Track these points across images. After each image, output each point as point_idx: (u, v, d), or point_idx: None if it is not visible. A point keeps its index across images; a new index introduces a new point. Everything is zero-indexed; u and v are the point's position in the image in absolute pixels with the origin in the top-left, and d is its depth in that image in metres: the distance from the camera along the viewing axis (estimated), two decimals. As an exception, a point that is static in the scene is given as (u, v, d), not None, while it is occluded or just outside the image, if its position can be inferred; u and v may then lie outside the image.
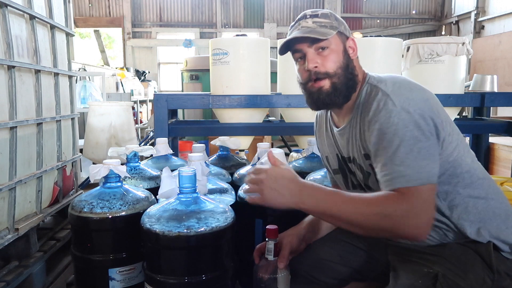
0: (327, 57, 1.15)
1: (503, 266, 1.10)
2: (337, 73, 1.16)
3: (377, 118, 1.06)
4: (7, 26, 1.62)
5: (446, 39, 2.38)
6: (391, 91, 1.07)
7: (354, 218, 1.03)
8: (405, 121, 1.02)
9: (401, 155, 1.01)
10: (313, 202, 1.06)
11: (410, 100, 1.05)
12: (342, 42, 1.18)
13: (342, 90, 1.16)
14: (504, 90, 7.54)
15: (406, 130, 1.02)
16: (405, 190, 1.00)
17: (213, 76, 2.37)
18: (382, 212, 1.00)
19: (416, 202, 1.00)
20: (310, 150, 1.94)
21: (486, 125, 2.72)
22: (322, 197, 1.06)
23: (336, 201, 1.05)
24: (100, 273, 1.32)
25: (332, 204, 1.05)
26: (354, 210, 1.03)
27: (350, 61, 1.18)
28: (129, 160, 1.66)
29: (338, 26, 1.17)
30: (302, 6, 12.22)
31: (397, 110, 1.03)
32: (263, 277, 1.24)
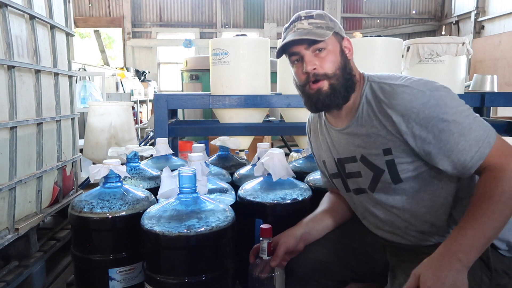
0: (325, 58, 1.14)
1: (501, 264, 1.10)
2: (336, 74, 1.15)
3: (412, 108, 1.04)
4: (7, 26, 1.62)
5: (446, 39, 2.38)
6: (406, 82, 1.08)
7: (502, 219, 0.97)
8: (441, 98, 1.04)
9: (464, 125, 1.02)
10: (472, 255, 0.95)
11: (428, 82, 1.07)
12: (339, 42, 1.18)
13: (341, 91, 1.15)
14: (504, 90, 7.54)
15: (448, 104, 1.03)
16: (494, 152, 1.01)
17: (213, 76, 2.37)
18: (506, 192, 0.97)
19: (505, 158, 1.01)
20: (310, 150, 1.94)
21: (486, 125, 2.72)
22: (470, 242, 0.95)
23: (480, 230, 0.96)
24: (100, 273, 1.31)
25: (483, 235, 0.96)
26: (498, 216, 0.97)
27: (347, 61, 1.18)
28: (129, 160, 1.66)
29: (333, 27, 1.16)
30: (302, 6, 12.22)
31: (428, 93, 1.04)
32: (257, 276, 1.24)
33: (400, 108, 1.06)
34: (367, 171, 1.19)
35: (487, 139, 1.02)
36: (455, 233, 0.98)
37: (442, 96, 1.04)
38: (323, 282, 1.33)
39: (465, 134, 1.01)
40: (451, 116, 1.02)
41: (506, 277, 1.11)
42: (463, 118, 1.02)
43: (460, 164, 1.03)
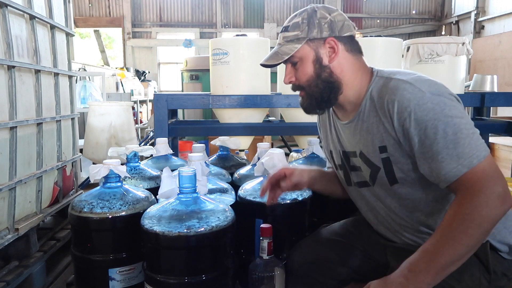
0: (298, 70, 1.18)
1: (500, 266, 1.10)
2: (309, 84, 1.18)
3: (409, 107, 1.02)
4: (7, 26, 1.62)
5: (446, 39, 2.38)
6: (412, 80, 1.06)
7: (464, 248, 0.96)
8: (440, 103, 1.01)
9: (453, 137, 0.98)
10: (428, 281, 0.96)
11: (434, 84, 1.05)
12: (314, 49, 1.16)
13: (318, 98, 1.18)
14: (504, 90, 7.54)
15: (445, 111, 1.00)
16: (471, 173, 0.97)
17: (213, 76, 2.37)
18: (475, 220, 0.95)
19: (485, 180, 0.97)
20: (310, 150, 1.94)
21: (486, 125, 2.72)
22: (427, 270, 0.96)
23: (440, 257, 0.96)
24: (100, 273, 1.31)
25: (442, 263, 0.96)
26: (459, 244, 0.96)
27: (322, 69, 1.16)
28: (129, 160, 1.66)
29: (306, 35, 1.14)
30: (302, 6, 12.16)
31: (428, 96, 1.01)
32: (257, 276, 1.24)
33: (397, 104, 1.04)
34: (365, 167, 1.20)
35: (470, 158, 0.97)
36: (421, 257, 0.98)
37: (441, 102, 1.01)
38: (324, 281, 1.33)
39: (450, 147, 0.98)
40: (442, 124, 0.99)
41: (505, 279, 1.11)
42: (454, 130, 0.98)
43: (436, 175, 1.02)
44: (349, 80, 1.17)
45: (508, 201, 0.97)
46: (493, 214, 0.95)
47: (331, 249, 1.33)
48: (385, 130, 1.10)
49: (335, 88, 1.17)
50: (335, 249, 1.33)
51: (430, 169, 1.02)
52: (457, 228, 0.96)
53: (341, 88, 1.17)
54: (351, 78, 1.17)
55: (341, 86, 1.17)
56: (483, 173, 0.97)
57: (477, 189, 0.96)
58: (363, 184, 1.24)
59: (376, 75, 1.16)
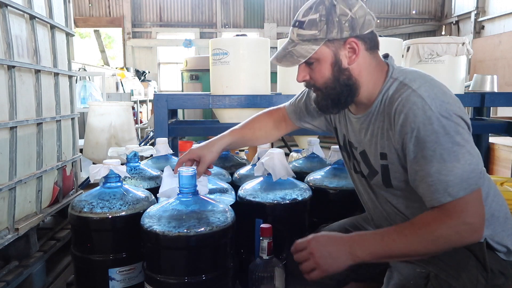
0: (314, 71, 1.12)
1: (497, 264, 1.10)
2: (326, 87, 1.13)
3: (414, 123, 1.00)
4: (7, 26, 1.62)
5: (446, 39, 2.39)
6: (426, 93, 1.01)
7: (412, 251, 1.01)
8: (446, 127, 0.98)
9: (447, 164, 0.98)
10: (367, 253, 1.02)
11: (446, 103, 1.00)
12: (333, 51, 1.09)
13: (335, 99, 1.14)
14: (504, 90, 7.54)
15: (447, 137, 0.98)
16: (454, 203, 0.98)
17: (213, 76, 2.37)
18: (436, 237, 0.98)
19: (466, 212, 0.98)
20: (310, 150, 1.94)
21: (486, 125, 2.72)
22: (372, 244, 1.02)
23: (387, 243, 1.01)
24: (100, 273, 1.31)
25: (386, 248, 1.01)
26: (409, 245, 1.00)
27: (341, 72, 1.11)
28: (129, 160, 1.66)
29: (325, 36, 1.07)
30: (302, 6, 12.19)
31: (435, 115, 0.98)
32: (257, 276, 1.24)
33: (403, 117, 1.02)
34: (364, 166, 1.21)
35: (457, 189, 0.97)
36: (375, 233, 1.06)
37: (447, 126, 0.98)
38: (323, 281, 1.32)
39: (442, 173, 0.98)
40: (441, 149, 0.98)
41: (502, 278, 1.11)
42: (451, 158, 0.98)
43: (421, 194, 1.03)
44: (365, 80, 1.13)
45: (476, 236, 1.00)
46: (457, 241, 1.00)
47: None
48: (388, 137, 1.09)
49: (353, 90, 1.13)
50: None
51: (417, 187, 1.04)
52: (420, 236, 0.99)
53: (359, 90, 1.13)
54: (367, 78, 1.13)
55: (359, 88, 1.13)
56: (465, 205, 0.98)
57: (454, 215, 0.98)
58: (361, 174, 1.25)
59: (390, 76, 1.12)
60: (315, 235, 1.07)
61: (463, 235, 0.99)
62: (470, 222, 0.98)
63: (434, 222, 0.99)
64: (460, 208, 0.98)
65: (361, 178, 1.26)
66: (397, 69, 1.14)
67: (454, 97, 1.06)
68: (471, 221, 0.99)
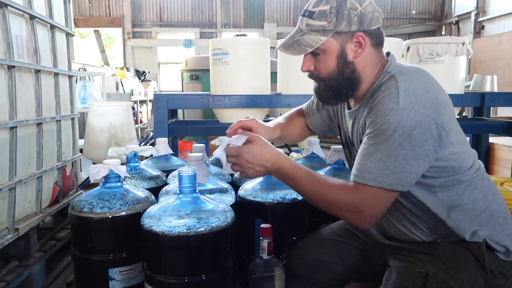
0: (319, 61, 1.14)
1: (496, 265, 1.10)
2: (330, 78, 1.15)
3: (377, 109, 1.04)
4: (7, 26, 1.62)
5: (446, 39, 2.39)
6: (405, 87, 1.02)
7: (310, 197, 1.12)
8: (400, 124, 0.99)
9: (379, 154, 1.01)
10: (279, 177, 1.15)
11: (419, 102, 1.00)
12: (340, 43, 1.11)
13: (336, 91, 1.16)
14: (504, 90, 7.54)
15: (395, 134, 0.99)
16: (362, 187, 1.03)
17: (213, 76, 2.37)
18: (332, 200, 1.07)
19: (364, 200, 1.03)
20: (310, 150, 1.94)
21: (486, 125, 2.72)
22: (283, 176, 1.14)
23: (296, 178, 1.12)
24: (100, 273, 1.31)
25: (292, 180, 1.12)
26: (310, 190, 1.10)
27: (346, 65, 1.13)
28: (129, 160, 1.66)
29: (334, 28, 1.08)
30: (302, 6, 12.21)
31: (397, 110, 0.99)
32: (257, 276, 1.24)
33: (375, 103, 1.06)
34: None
35: (369, 176, 1.02)
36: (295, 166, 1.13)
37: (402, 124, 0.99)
38: (323, 281, 1.33)
39: (370, 159, 1.02)
40: (383, 140, 1.01)
41: (502, 278, 1.11)
42: (385, 151, 1.00)
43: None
44: (368, 75, 1.15)
45: (359, 223, 1.07)
46: (340, 214, 1.09)
47: (330, 249, 1.34)
48: (364, 124, 1.12)
49: (355, 84, 1.15)
50: (334, 249, 1.34)
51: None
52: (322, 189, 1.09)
53: (360, 84, 1.15)
54: (370, 73, 1.15)
55: (360, 83, 1.15)
56: (368, 194, 1.03)
57: (355, 195, 1.04)
58: None
59: (385, 70, 1.13)
60: (248, 146, 1.15)
61: (347, 213, 1.06)
62: (362, 209, 1.04)
63: (340, 188, 1.06)
64: (362, 193, 1.03)
65: None
66: (394, 64, 1.15)
67: (437, 101, 1.03)
68: (363, 209, 1.04)
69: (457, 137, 1.09)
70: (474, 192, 1.12)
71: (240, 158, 1.13)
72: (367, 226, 1.09)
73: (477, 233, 1.10)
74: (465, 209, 1.11)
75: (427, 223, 1.14)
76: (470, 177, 1.12)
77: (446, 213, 1.11)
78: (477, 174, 1.14)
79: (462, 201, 1.11)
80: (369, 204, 1.03)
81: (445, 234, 1.13)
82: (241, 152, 1.13)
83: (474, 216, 1.11)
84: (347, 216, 1.08)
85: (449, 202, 1.11)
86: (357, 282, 1.37)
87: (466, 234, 1.10)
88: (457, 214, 1.11)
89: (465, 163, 1.11)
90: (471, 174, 1.12)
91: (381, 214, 1.06)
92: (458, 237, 1.11)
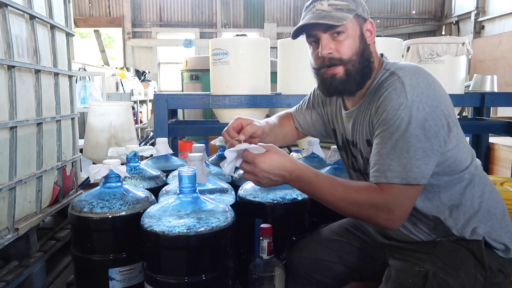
0: (342, 42, 1.11)
1: (496, 262, 1.10)
2: (352, 60, 1.12)
3: (386, 106, 1.03)
4: (7, 26, 1.62)
5: (446, 39, 2.39)
6: (409, 81, 1.03)
7: (334, 203, 1.05)
8: (412, 117, 0.99)
9: (397, 150, 1.00)
10: (298, 186, 1.08)
11: (425, 95, 1.01)
12: (359, 25, 1.13)
13: (356, 77, 1.13)
14: (504, 90, 7.54)
15: (409, 127, 0.99)
16: (387, 186, 1.01)
17: (213, 76, 2.37)
18: (359, 203, 1.02)
19: (392, 199, 1.00)
20: (310, 150, 1.94)
21: (486, 125, 2.72)
22: (303, 185, 1.07)
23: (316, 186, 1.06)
24: (100, 273, 1.31)
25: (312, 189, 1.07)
26: (335, 196, 1.05)
27: (366, 46, 1.14)
28: (129, 160, 1.66)
29: (355, 8, 1.11)
30: (302, 6, 12.21)
31: (407, 104, 1.00)
32: (257, 276, 1.24)
33: (382, 99, 1.05)
34: (360, 161, 1.21)
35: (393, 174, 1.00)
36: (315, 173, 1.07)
37: (414, 116, 0.99)
38: (323, 281, 1.33)
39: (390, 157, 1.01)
40: (399, 136, 1.00)
41: (501, 276, 1.12)
42: (403, 146, 0.99)
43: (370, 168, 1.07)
44: (374, 66, 1.16)
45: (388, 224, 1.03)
46: (368, 216, 1.03)
47: (330, 249, 1.34)
48: (370, 123, 1.11)
49: (371, 70, 1.15)
50: (334, 248, 1.34)
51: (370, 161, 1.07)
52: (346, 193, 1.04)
53: (373, 72, 1.15)
54: (375, 65, 1.16)
55: (373, 70, 1.15)
56: (396, 192, 1.01)
57: (382, 195, 1.01)
58: (360, 172, 1.25)
59: (383, 68, 1.14)
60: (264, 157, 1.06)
61: (378, 214, 1.02)
62: (391, 208, 1.01)
63: (365, 190, 1.03)
64: (389, 192, 1.00)
65: (359, 175, 1.26)
66: (390, 62, 1.16)
67: (441, 93, 1.05)
68: (393, 208, 1.01)
69: (457, 130, 1.10)
70: (473, 190, 1.13)
71: (255, 166, 1.06)
72: (398, 226, 1.05)
73: (476, 230, 1.11)
74: (465, 207, 1.11)
75: (427, 223, 1.14)
76: (471, 175, 1.13)
77: (448, 212, 1.11)
78: (476, 171, 1.15)
79: (463, 200, 1.12)
80: (398, 202, 1.01)
81: (444, 233, 1.13)
82: (257, 161, 1.05)
83: (473, 214, 1.12)
84: (377, 217, 1.03)
85: (451, 201, 1.11)
86: (357, 281, 1.37)
87: (466, 232, 1.11)
88: (458, 212, 1.11)
89: (464, 157, 1.12)
90: (471, 172, 1.13)
91: (409, 212, 1.04)
92: (458, 236, 1.11)
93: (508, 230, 1.15)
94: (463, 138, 1.14)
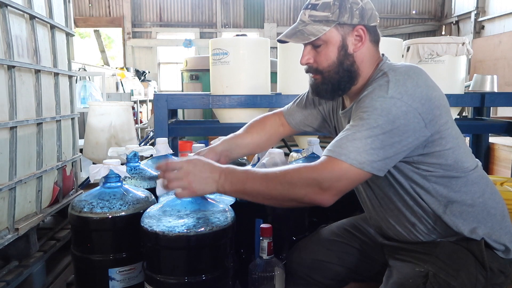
0: (320, 53, 1.14)
1: (496, 263, 1.10)
2: (328, 71, 1.15)
3: (366, 98, 1.05)
4: (7, 26, 1.62)
5: (446, 39, 2.38)
6: (395, 80, 1.04)
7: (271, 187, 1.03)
8: (384, 110, 0.99)
9: (357, 135, 1.00)
10: (229, 184, 1.07)
11: (408, 94, 1.01)
12: (341, 35, 1.12)
13: (335, 85, 1.16)
14: (504, 90, 7.54)
15: (379, 119, 0.99)
16: (331, 159, 1.00)
17: (213, 76, 2.37)
18: (290, 181, 1.02)
19: (330, 172, 0.99)
20: (310, 150, 1.94)
21: (486, 125, 2.72)
22: (235, 177, 1.07)
23: (247, 180, 1.05)
24: (100, 273, 1.31)
25: (244, 184, 1.05)
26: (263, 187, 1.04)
27: (346, 57, 1.14)
28: (129, 160, 1.65)
29: (337, 19, 1.11)
30: (301, 6, 12.15)
31: (385, 97, 1.01)
32: (257, 276, 1.24)
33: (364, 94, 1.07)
34: None
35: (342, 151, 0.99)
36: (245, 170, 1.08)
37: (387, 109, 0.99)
38: (323, 281, 1.33)
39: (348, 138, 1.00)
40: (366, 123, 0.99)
41: (502, 276, 1.11)
42: (365, 132, 0.99)
43: None
44: (365, 70, 1.16)
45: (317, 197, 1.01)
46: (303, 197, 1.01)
47: (329, 250, 1.34)
48: None
49: (353, 78, 1.16)
50: (334, 249, 1.34)
51: None
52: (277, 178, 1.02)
53: (358, 78, 1.16)
54: (367, 69, 1.16)
55: (358, 77, 1.16)
56: (335, 166, 0.99)
57: (320, 167, 1.00)
58: None
59: (379, 68, 1.15)
60: (192, 159, 1.09)
61: (308, 189, 1.00)
62: (324, 178, 0.99)
63: (303, 167, 1.03)
64: (330, 166, 1.00)
65: None
66: (388, 63, 1.16)
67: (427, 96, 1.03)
68: (324, 181, 0.99)
69: (452, 132, 1.10)
70: (472, 189, 1.13)
71: (182, 169, 1.06)
72: (327, 201, 1.02)
73: (476, 230, 1.11)
74: (463, 205, 1.11)
75: (426, 222, 1.14)
76: (467, 174, 1.13)
77: (443, 209, 1.11)
78: (474, 171, 1.15)
79: (459, 198, 1.11)
80: (335, 177, 1.00)
81: (444, 233, 1.13)
82: (185, 164, 1.06)
83: (472, 213, 1.12)
84: (306, 192, 1.01)
85: (446, 199, 1.11)
86: (356, 282, 1.37)
87: (465, 231, 1.10)
88: (454, 210, 1.11)
89: (460, 158, 1.11)
90: (468, 171, 1.13)
91: (343, 193, 1.02)
92: (457, 236, 1.11)
93: (508, 231, 1.15)
94: (458, 138, 1.13)
